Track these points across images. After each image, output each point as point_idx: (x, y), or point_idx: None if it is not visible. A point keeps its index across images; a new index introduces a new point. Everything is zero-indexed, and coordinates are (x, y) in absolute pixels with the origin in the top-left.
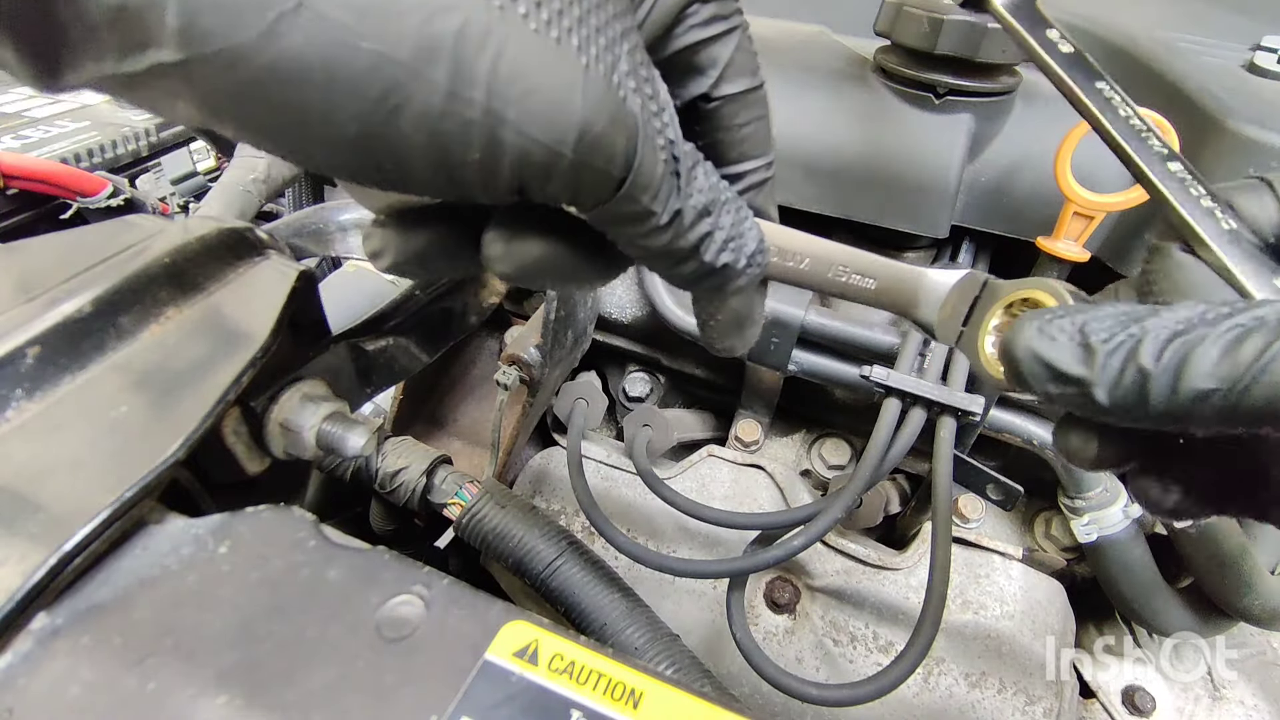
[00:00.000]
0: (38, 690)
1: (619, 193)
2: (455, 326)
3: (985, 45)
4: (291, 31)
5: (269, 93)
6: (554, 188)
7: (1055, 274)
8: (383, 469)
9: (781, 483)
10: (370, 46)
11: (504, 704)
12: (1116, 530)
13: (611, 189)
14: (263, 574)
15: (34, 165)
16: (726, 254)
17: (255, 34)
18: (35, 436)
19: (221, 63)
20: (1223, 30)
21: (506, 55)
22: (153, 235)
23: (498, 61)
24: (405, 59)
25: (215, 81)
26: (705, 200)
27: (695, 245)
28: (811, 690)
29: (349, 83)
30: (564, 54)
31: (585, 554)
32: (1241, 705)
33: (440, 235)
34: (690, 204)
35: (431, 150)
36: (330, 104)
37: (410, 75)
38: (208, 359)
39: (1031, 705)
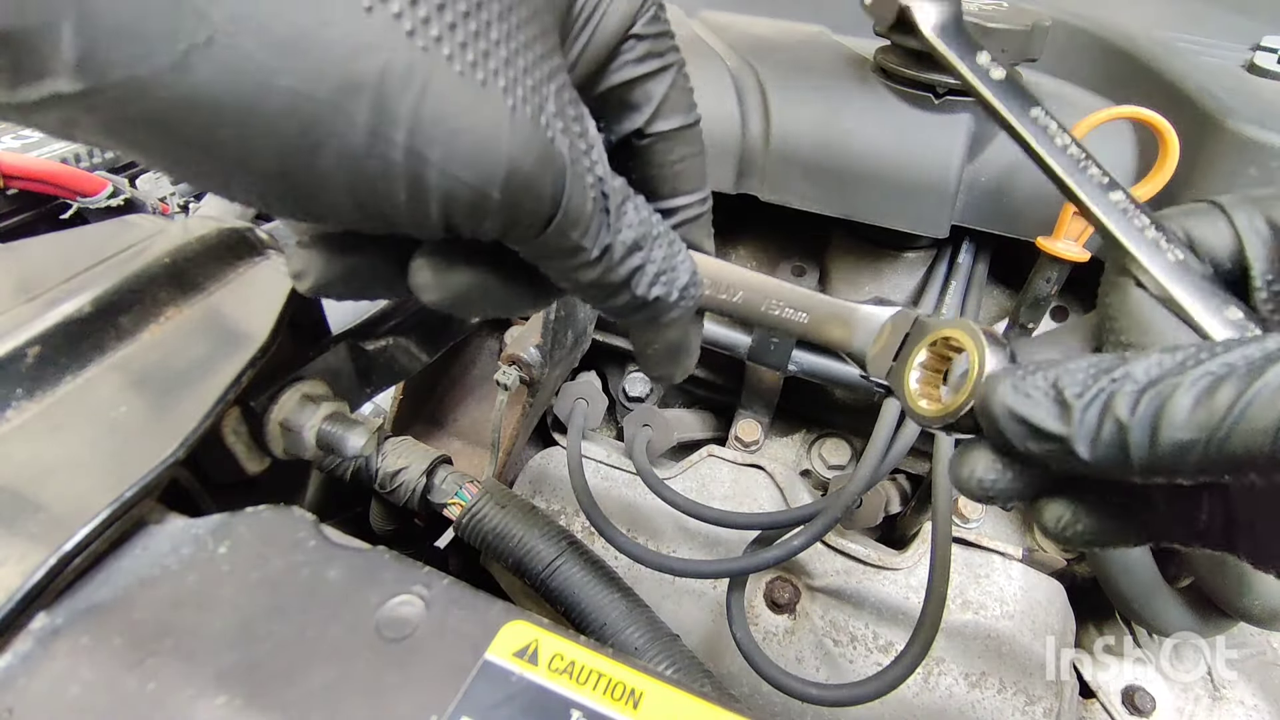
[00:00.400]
0: (38, 690)
1: (548, 229)
2: (455, 326)
3: (985, 45)
4: (203, 65)
5: (179, 127)
6: (484, 226)
7: (1055, 274)
8: (383, 469)
9: (781, 483)
10: (287, 84)
11: (504, 704)
12: None
13: (540, 226)
14: (263, 574)
15: (34, 165)
16: (658, 287)
17: (163, 66)
18: (35, 436)
19: (124, 94)
20: (1223, 30)
21: (430, 96)
22: (153, 235)
23: (421, 102)
24: (325, 98)
25: (119, 112)
26: (636, 235)
27: (626, 279)
28: (811, 690)
29: (265, 120)
30: (490, 95)
31: (585, 554)
32: (1241, 705)
33: (367, 260)
34: (620, 239)
35: (356, 189)
36: (245, 140)
37: (330, 114)
38: (207, 359)
39: (1031, 705)
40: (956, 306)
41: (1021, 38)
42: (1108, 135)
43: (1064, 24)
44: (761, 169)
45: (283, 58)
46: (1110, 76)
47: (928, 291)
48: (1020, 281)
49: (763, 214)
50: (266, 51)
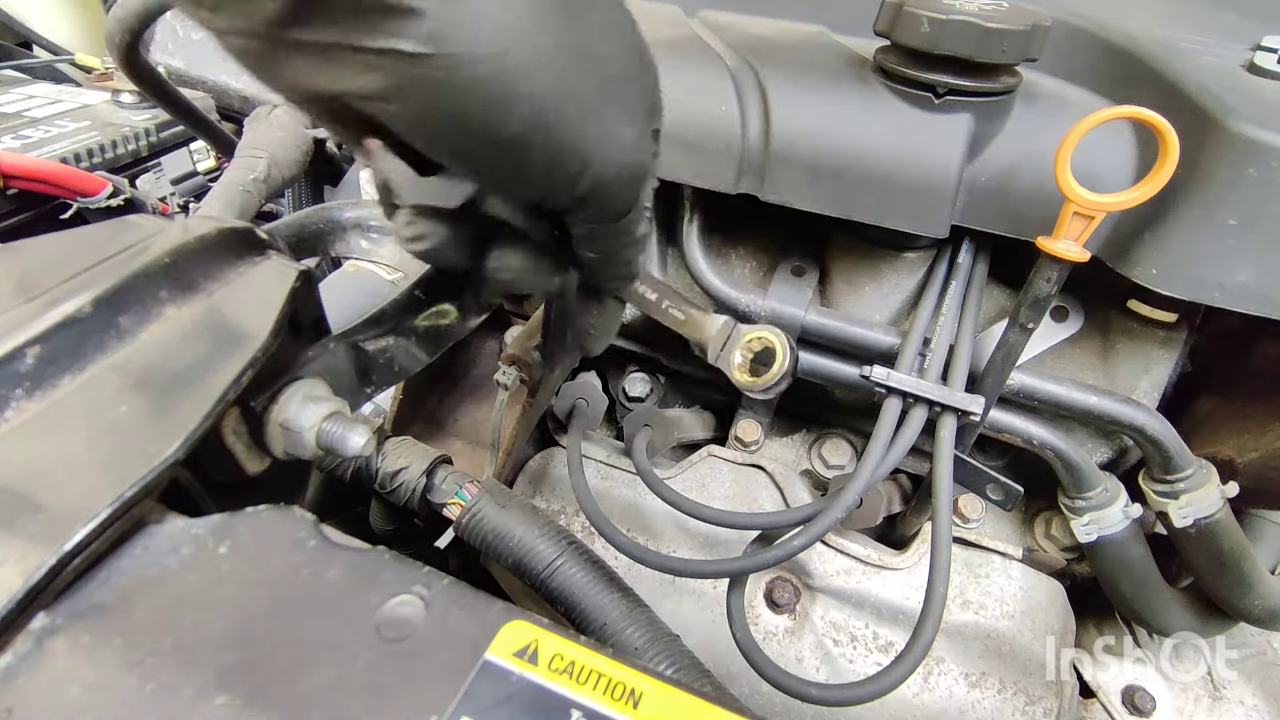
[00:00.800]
0: (38, 690)
1: (627, 215)
2: (455, 326)
3: (985, 45)
4: (518, 59)
5: (475, 102)
6: (596, 207)
7: (1055, 274)
8: (383, 469)
9: (781, 483)
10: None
11: (504, 704)
12: (1116, 530)
13: (624, 213)
14: (263, 574)
15: (34, 165)
16: (635, 266)
17: (487, 51)
18: (35, 436)
19: (447, 64)
20: (1223, 30)
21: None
22: (153, 235)
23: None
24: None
25: (431, 77)
26: (645, 229)
27: (634, 257)
28: (811, 690)
29: (535, 109)
30: (637, 129)
31: (585, 554)
32: (1241, 705)
33: (464, 233)
34: (642, 230)
35: (551, 177)
36: (505, 115)
37: (574, 121)
38: (208, 359)
39: (1031, 705)
40: (956, 306)
41: (1021, 38)
42: (1108, 135)
43: (1064, 24)
44: (761, 169)
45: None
46: (1110, 76)
47: (928, 291)
48: (1020, 281)
49: (763, 214)
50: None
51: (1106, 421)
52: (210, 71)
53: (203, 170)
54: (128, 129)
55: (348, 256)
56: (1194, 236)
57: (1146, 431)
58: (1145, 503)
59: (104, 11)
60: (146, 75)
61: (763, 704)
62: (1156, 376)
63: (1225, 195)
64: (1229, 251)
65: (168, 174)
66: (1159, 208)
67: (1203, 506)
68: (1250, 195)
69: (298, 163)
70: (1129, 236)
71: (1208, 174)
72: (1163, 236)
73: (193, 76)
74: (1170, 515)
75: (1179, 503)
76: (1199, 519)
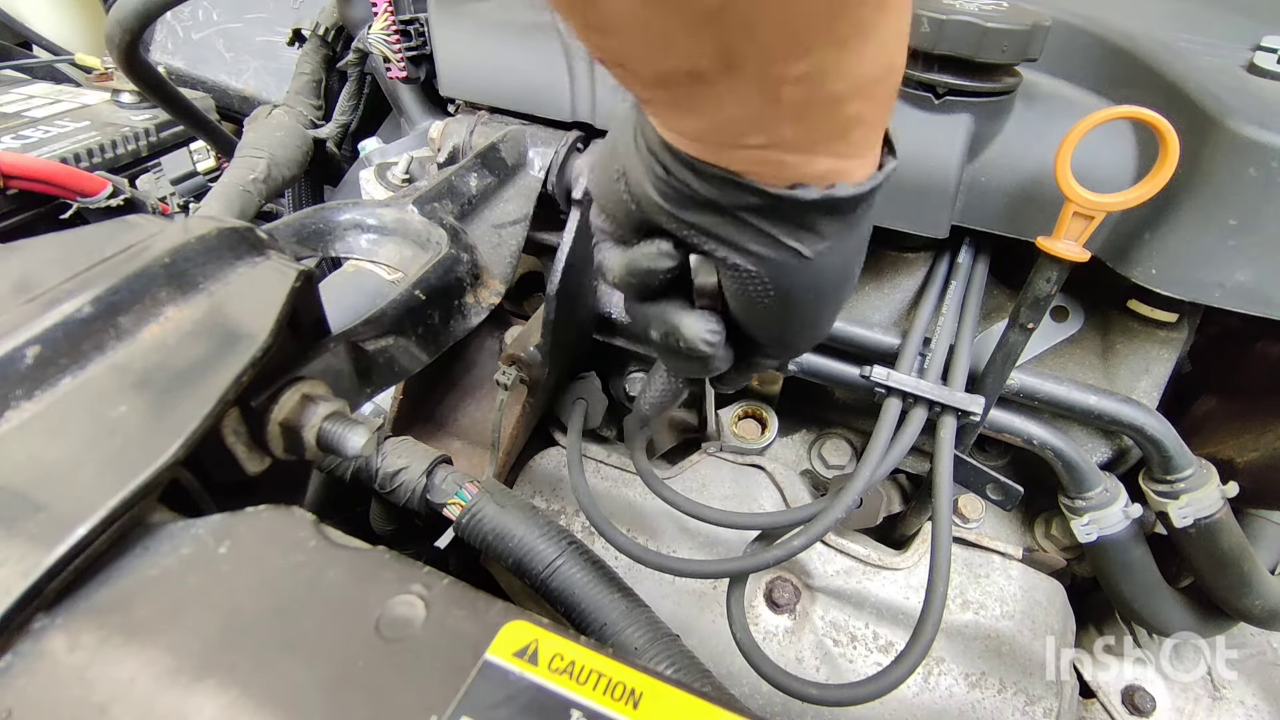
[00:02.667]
0: (38, 690)
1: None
2: (455, 326)
3: (985, 45)
4: (846, 282)
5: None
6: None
7: (1055, 274)
8: (383, 469)
9: (781, 483)
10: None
11: (504, 704)
12: (1116, 530)
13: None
14: (263, 574)
15: (34, 165)
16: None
17: (837, 276)
18: (35, 436)
19: (815, 270)
20: (1223, 30)
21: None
22: (153, 235)
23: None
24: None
25: (801, 272)
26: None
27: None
28: (811, 690)
29: (832, 312)
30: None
31: (585, 554)
32: (1241, 705)
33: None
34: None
35: (811, 340)
36: (820, 312)
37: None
38: (208, 359)
39: (1031, 705)
40: (956, 306)
41: (1021, 38)
42: (1108, 135)
43: (1064, 24)
44: None
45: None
46: (1110, 76)
47: (928, 291)
48: (1020, 281)
49: None
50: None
51: (1106, 421)
52: (210, 71)
53: (203, 170)
54: (128, 129)
55: (348, 256)
56: (1194, 236)
57: (1146, 431)
58: (1145, 503)
59: (104, 11)
60: (146, 75)
61: (763, 704)
62: (1156, 376)
63: (1225, 195)
64: (1229, 251)
65: (168, 174)
66: (1159, 208)
67: (1203, 506)
68: (1250, 195)
69: (298, 163)
70: (1129, 236)
71: (1208, 174)
72: (1163, 236)
73: (193, 76)
74: (1170, 515)
75: (1179, 503)
76: (1199, 519)
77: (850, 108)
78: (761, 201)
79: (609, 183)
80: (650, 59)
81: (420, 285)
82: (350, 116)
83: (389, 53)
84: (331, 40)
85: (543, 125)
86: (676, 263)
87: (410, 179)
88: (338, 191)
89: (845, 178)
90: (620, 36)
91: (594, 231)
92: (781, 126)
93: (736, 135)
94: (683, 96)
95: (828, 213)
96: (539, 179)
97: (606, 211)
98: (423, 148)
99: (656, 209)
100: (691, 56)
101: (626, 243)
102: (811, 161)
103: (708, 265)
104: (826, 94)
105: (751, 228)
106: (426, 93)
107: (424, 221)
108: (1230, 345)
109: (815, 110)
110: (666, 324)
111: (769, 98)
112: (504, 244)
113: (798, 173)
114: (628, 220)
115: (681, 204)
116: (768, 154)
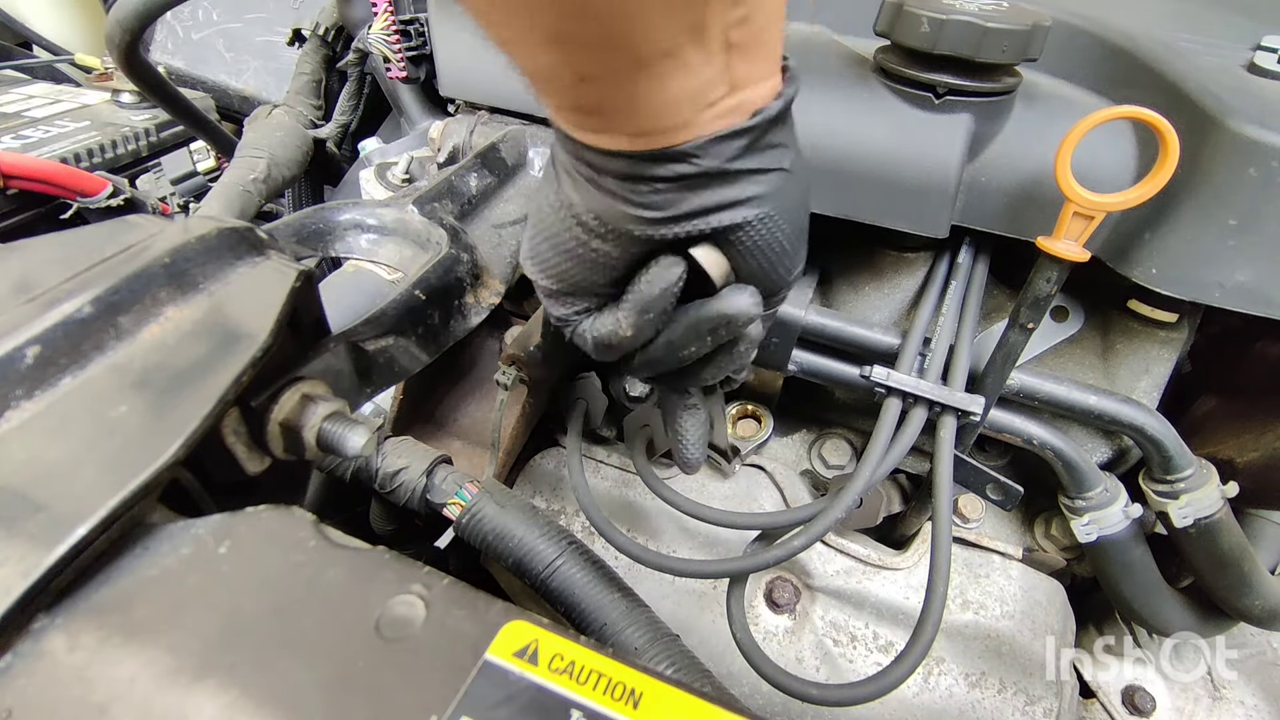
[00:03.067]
0: (38, 690)
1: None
2: (455, 326)
3: (985, 45)
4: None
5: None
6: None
7: (1055, 274)
8: (383, 469)
9: (781, 483)
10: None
11: (504, 704)
12: (1116, 530)
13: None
14: (263, 574)
15: (34, 165)
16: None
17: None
18: (35, 436)
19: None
20: (1223, 30)
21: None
22: (153, 235)
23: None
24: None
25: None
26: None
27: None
28: (812, 690)
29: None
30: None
31: (585, 554)
32: (1241, 705)
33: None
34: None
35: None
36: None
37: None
38: (208, 359)
39: (1031, 705)
40: (956, 306)
41: (1021, 38)
42: (1108, 135)
43: (1064, 24)
44: None
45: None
46: (1110, 76)
47: (928, 291)
48: (1020, 281)
49: None
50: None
51: (1106, 421)
52: (210, 71)
53: (203, 170)
54: (128, 129)
55: (348, 256)
56: (1194, 236)
57: (1146, 431)
58: (1145, 503)
59: (104, 11)
60: (146, 75)
61: (763, 704)
62: (1156, 376)
63: (1225, 195)
64: (1229, 251)
65: (168, 174)
66: (1159, 208)
67: (1203, 506)
68: (1250, 195)
69: (298, 163)
70: (1129, 236)
71: (1208, 174)
72: (1163, 236)
73: (193, 76)
74: (1170, 515)
75: (1179, 503)
76: (1199, 519)
77: (774, 27)
78: (745, 140)
79: (579, 253)
80: (636, 43)
81: (420, 285)
82: (350, 116)
83: (389, 53)
84: (331, 40)
85: (543, 125)
86: (684, 268)
87: (410, 179)
88: (338, 191)
89: (779, 87)
90: (607, 21)
91: (561, 324)
92: (737, 67)
93: (708, 96)
94: (667, 78)
95: (783, 121)
96: (539, 179)
97: (578, 287)
98: (423, 148)
99: (653, 224)
100: (670, 34)
101: (606, 303)
102: (761, 85)
103: (714, 251)
104: (760, 24)
105: (745, 174)
106: (426, 93)
107: (424, 221)
108: (1230, 345)
109: (756, 40)
110: (708, 322)
111: (724, 45)
112: (504, 244)
113: (755, 103)
114: (610, 274)
115: (676, 199)
116: (729, 100)
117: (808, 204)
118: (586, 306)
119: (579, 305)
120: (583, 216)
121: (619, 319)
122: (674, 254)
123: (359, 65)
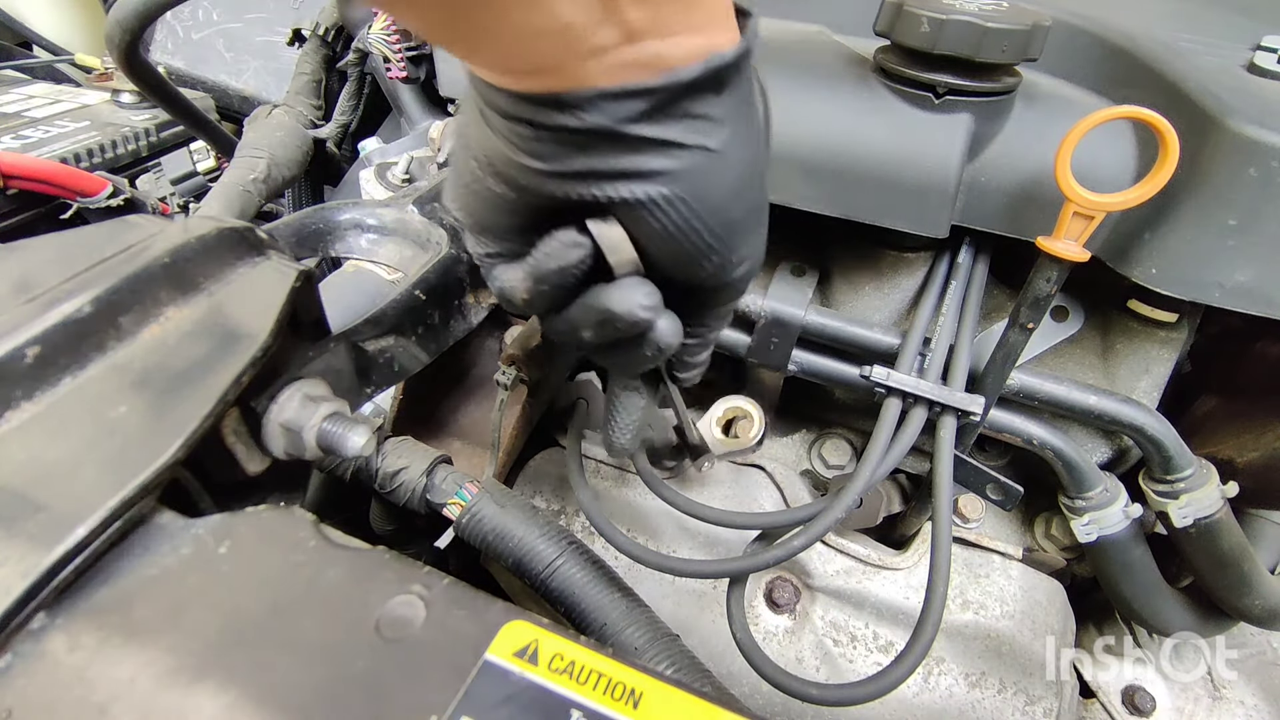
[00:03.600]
0: (38, 690)
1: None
2: (455, 326)
3: (985, 45)
4: (755, 169)
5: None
6: (738, 290)
7: (1055, 274)
8: (383, 469)
9: (781, 483)
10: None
11: (504, 704)
12: (1116, 530)
13: (738, 299)
14: (263, 574)
15: (34, 165)
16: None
17: (743, 155)
18: (35, 436)
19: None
20: (1223, 30)
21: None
22: (153, 235)
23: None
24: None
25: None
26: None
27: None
28: (812, 690)
29: (754, 204)
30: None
31: (585, 554)
32: (1241, 705)
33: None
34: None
35: (738, 246)
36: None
37: (757, 224)
38: (208, 359)
39: (1031, 705)
40: (956, 306)
41: (1021, 38)
42: (1108, 135)
43: (1064, 24)
44: None
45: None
46: (1110, 76)
47: (927, 291)
48: (1020, 281)
49: None
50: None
51: (1106, 421)
52: (210, 71)
53: (203, 170)
54: (128, 129)
55: (348, 256)
56: (1194, 236)
57: (1146, 431)
58: (1145, 503)
59: (104, 11)
60: (146, 75)
61: (763, 704)
62: (1156, 376)
63: (1225, 195)
64: (1229, 251)
65: (168, 174)
66: (1159, 208)
67: (1203, 506)
68: (1250, 195)
69: (298, 163)
70: (1129, 236)
71: (1208, 174)
72: (1163, 236)
73: (193, 76)
74: (1170, 515)
75: (1179, 503)
76: (1199, 519)
77: None
78: (645, 103)
79: (475, 189)
80: None
81: (420, 285)
82: (350, 116)
83: (389, 53)
84: (331, 40)
85: None
86: (588, 250)
87: (410, 179)
88: (338, 191)
89: (714, 49)
90: None
91: (479, 261)
92: (629, 11)
93: (587, 40)
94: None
95: (715, 90)
96: None
97: (484, 226)
98: (423, 148)
99: (539, 176)
100: None
101: (519, 253)
102: (679, 40)
103: (615, 229)
104: None
105: (649, 143)
106: (426, 93)
107: (424, 221)
108: (1230, 345)
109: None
110: (595, 312)
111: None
112: None
113: (669, 62)
114: (512, 220)
115: (563, 154)
116: (624, 52)
117: (754, 196)
118: (499, 251)
119: (491, 248)
120: (475, 151)
121: (515, 277)
122: (580, 230)
123: (359, 65)
